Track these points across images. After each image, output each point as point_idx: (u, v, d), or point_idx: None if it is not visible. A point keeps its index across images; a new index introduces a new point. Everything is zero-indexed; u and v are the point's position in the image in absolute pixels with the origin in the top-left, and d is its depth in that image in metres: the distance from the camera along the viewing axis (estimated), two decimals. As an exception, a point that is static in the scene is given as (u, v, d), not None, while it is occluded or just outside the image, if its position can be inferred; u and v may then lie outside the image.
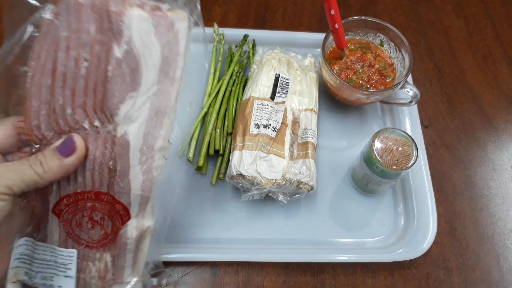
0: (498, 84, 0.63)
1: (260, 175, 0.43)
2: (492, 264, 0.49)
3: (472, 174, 0.55)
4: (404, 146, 0.44)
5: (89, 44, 0.31)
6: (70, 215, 0.33)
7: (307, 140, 0.47)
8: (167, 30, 0.33)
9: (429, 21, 0.68)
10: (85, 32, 0.30)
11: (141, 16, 0.31)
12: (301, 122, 0.48)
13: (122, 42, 0.31)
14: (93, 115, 0.31)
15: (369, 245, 0.48)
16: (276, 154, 0.45)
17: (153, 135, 0.33)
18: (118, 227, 0.34)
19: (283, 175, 0.44)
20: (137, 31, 0.31)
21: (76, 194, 0.32)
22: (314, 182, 0.44)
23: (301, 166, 0.45)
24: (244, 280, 0.45)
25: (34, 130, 0.31)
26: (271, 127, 0.46)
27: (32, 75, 0.30)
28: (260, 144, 0.45)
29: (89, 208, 0.33)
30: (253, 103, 0.48)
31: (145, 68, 0.32)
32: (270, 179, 0.43)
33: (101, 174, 0.32)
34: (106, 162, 0.32)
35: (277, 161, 0.45)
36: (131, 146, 0.32)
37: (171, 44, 0.33)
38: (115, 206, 0.33)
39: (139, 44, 0.31)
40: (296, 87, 0.51)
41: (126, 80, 0.31)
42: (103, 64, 0.31)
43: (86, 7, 0.30)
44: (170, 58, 0.33)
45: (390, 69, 0.54)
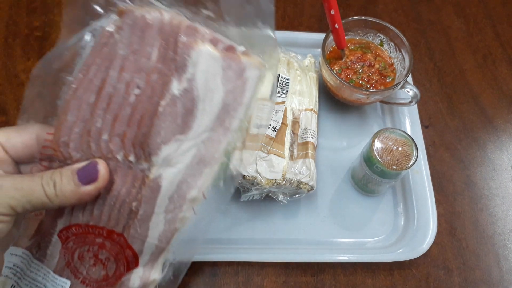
0: (498, 84, 0.63)
1: (260, 175, 0.43)
2: (492, 264, 0.49)
3: (472, 174, 0.55)
4: (404, 146, 0.44)
5: (146, 70, 0.27)
6: (75, 245, 0.30)
7: (307, 140, 0.47)
8: (236, 76, 0.28)
9: (429, 21, 0.68)
10: (145, 57, 0.27)
11: (211, 54, 0.27)
12: (301, 122, 0.48)
13: (184, 79, 0.27)
14: (130, 149, 0.28)
15: (369, 245, 0.48)
16: (276, 154, 0.45)
17: (188, 184, 0.28)
18: (121, 273, 0.30)
19: (283, 175, 0.44)
20: (203, 71, 0.27)
21: (87, 226, 0.29)
22: (314, 182, 0.44)
23: (301, 166, 0.45)
24: (244, 280, 0.45)
25: (61, 146, 0.27)
26: (271, 127, 0.46)
27: (76, 87, 0.27)
28: (260, 144, 0.45)
29: (97, 244, 0.30)
30: None
31: (201, 112, 0.28)
32: (270, 179, 0.43)
33: (121, 213, 0.28)
34: (129, 202, 0.28)
35: (277, 161, 0.45)
36: (161, 192, 0.28)
37: (236, 92, 0.29)
38: (124, 251, 0.29)
39: (201, 85, 0.27)
40: (296, 87, 0.51)
41: (177, 121, 0.27)
42: (156, 97, 0.27)
43: (154, 29, 0.27)
44: (231, 107, 0.29)
45: (390, 69, 0.54)
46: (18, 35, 0.59)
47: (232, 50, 0.28)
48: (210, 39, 0.27)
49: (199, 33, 0.27)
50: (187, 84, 0.27)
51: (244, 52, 0.28)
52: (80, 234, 0.29)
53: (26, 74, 0.56)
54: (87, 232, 0.29)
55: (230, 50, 0.28)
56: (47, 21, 0.60)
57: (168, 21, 0.27)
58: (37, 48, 0.58)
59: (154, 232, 0.29)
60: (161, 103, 0.27)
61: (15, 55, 0.57)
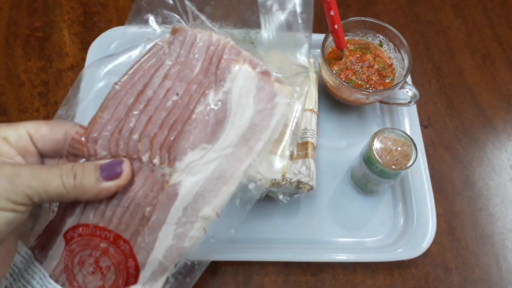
0: (497, 85, 0.63)
1: (261, 175, 0.43)
2: (491, 263, 0.49)
3: (471, 174, 0.55)
4: (404, 146, 0.44)
5: (187, 80, 0.29)
6: (78, 247, 0.29)
7: (307, 140, 0.47)
8: (268, 98, 0.30)
9: (428, 21, 0.69)
10: (189, 69, 0.30)
11: (249, 73, 0.30)
12: (301, 122, 0.49)
13: (220, 91, 0.29)
14: (157, 151, 0.28)
15: (368, 244, 0.48)
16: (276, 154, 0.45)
17: (204, 198, 0.28)
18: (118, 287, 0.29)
19: (283, 175, 0.44)
20: (239, 87, 0.29)
21: (95, 228, 0.29)
22: (313, 182, 0.45)
23: (301, 166, 0.45)
24: (244, 280, 0.45)
25: (89, 142, 0.28)
26: None
27: (118, 89, 0.29)
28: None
29: (100, 249, 0.29)
30: None
31: (230, 125, 0.29)
32: (271, 179, 0.43)
33: (133, 217, 0.28)
34: (144, 206, 0.28)
35: (277, 161, 0.45)
36: (177, 200, 0.28)
37: (265, 114, 0.30)
38: (127, 261, 0.29)
39: (235, 100, 0.29)
40: None
41: (206, 129, 0.28)
42: (192, 105, 0.28)
43: (202, 46, 0.30)
44: (258, 128, 0.30)
45: (389, 70, 0.54)
46: (19, 35, 0.59)
47: (267, 75, 0.30)
48: (250, 61, 0.30)
49: (241, 55, 0.30)
50: (222, 96, 0.29)
51: (277, 79, 0.30)
52: (86, 236, 0.29)
53: (27, 74, 0.56)
54: (94, 234, 0.29)
55: (265, 75, 0.30)
56: (48, 21, 0.61)
57: (216, 41, 0.30)
58: (38, 49, 0.58)
59: (161, 245, 0.28)
60: (195, 111, 0.28)
61: (16, 56, 0.57)
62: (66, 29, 0.60)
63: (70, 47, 0.59)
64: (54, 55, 0.58)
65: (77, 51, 0.58)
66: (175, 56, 0.30)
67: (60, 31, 0.60)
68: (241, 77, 0.29)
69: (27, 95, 0.55)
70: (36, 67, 0.57)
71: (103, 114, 0.28)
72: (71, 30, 0.60)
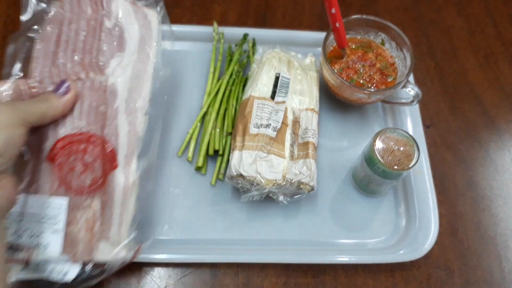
0: (500, 84, 0.62)
1: (260, 175, 0.43)
2: (493, 265, 0.48)
3: (474, 174, 0.54)
4: (406, 146, 0.43)
5: (87, 20, 0.42)
6: (64, 158, 0.38)
7: (308, 140, 0.46)
8: (143, 17, 0.45)
9: (430, 20, 0.68)
10: (84, 13, 0.42)
11: (124, 3, 0.44)
12: (302, 122, 0.48)
13: (112, 18, 0.43)
14: (88, 68, 0.40)
15: (370, 246, 0.48)
16: (277, 154, 0.45)
17: (135, 93, 0.42)
18: (106, 171, 0.38)
19: (283, 176, 0.43)
20: (122, 12, 0.44)
21: (71, 136, 0.38)
22: (314, 183, 0.44)
23: (301, 166, 0.44)
24: (244, 282, 0.45)
25: (37, 84, 0.39)
26: (271, 127, 0.46)
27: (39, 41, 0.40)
28: (260, 144, 0.44)
29: (81, 151, 0.38)
30: (253, 102, 0.47)
31: (128, 38, 0.43)
32: (270, 179, 0.43)
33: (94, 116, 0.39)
34: (98, 106, 0.39)
35: (277, 161, 0.44)
36: (119, 95, 0.40)
37: (146, 28, 0.45)
38: (104, 147, 0.39)
39: (123, 21, 0.44)
40: (296, 86, 0.50)
41: (114, 43, 0.42)
42: (97, 33, 0.42)
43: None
44: (146, 38, 0.44)
45: (392, 69, 0.54)
46: (17, 34, 0.58)
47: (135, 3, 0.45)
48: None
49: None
50: (114, 20, 0.43)
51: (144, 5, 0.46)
52: (66, 146, 0.38)
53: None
54: (71, 142, 0.38)
55: (134, 3, 0.45)
56: (46, 20, 0.60)
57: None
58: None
59: (122, 131, 0.40)
60: (102, 35, 0.42)
61: (13, 54, 0.57)
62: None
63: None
64: None
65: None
66: (70, 10, 0.42)
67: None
68: (121, 6, 0.44)
69: (25, 94, 0.54)
70: None
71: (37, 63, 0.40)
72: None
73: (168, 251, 0.43)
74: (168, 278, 0.44)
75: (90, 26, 0.42)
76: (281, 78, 0.50)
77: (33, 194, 0.37)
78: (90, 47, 0.41)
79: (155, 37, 0.45)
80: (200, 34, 0.58)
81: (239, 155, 0.44)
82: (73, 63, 0.40)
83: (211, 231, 0.46)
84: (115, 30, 0.43)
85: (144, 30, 0.44)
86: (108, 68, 0.41)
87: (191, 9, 0.62)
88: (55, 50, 0.40)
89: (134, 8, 0.45)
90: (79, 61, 0.40)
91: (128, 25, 0.43)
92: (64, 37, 0.41)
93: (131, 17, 0.44)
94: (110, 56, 0.41)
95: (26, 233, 0.36)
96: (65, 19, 0.42)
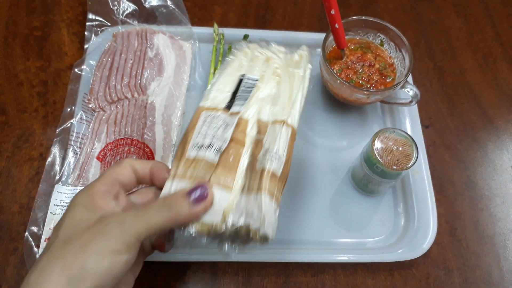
0: (499, 84, 0.63)
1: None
2: (492, 264, 0.49)
3: (472, 174, 0.55)
4: (405, 146, 0.44)
5: (133, 51, 0.54)
6: (111, 157, 0.47)
7: (264, 166, 0.32)
8: (179, 48, 0.56)
9: (429, 20, 0.68)
10: (131, 46, 0.54)
11: (164, 37, 0.56)
12: (265, 140, 0.34)
13: (153, 49, 0.54)
14: (133, 89, 0.51)
15: (369, 245, 0.48)
16: (221, 185, 0.32)
17: (170, 108, 0.51)
18: None
19: (223, 217, 0.30)
20: (162, 44, 0.55)
21: (117, 140, 0.47)
22: (266, 229, 0.30)
23: (252, 205, 0.31)
24: (244, 281, 0.45)
25: (94, 101, 0.50)
26: (213, 148, 0.33)
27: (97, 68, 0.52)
28: (196, 172, 0.32)
29: (126, 152, 0.47)
30: (200, 115, 0.35)
31: (166, 65, 0.54)
32: (206, 223, 0.30)
33: (137, 125, 0.48)
34: (140, 119, 0.49)
35: (220, 195, 0.31)
36: (157, 110, 0.50)
37: (181, 57, 0.55)
38: (144, 150, 0.47)
39: (163, 51, 0.54)
40: (270, 91, 0.37)
41: (154, 69, 0.53)
42: (141, 61, 0.53)
43: (133, 33, 0.55)
44: (181, 64, 0.55)
45: (390, 69, 0.54)
46: (18, 35, 0.59)
47: (173, 37, 0.57)
48: (162, 32, 0.56)
49: (155, 31, 0.55)
50: (155, 51, 0.54)
51: (180, 39, 0.57)
52: (113, 148, 0.47)
53: (26, 74, 0.56)
54: (118, 144, 0.47)
55: (172, 37, 0.56)
56: (47, 21, 0.60)
57: (139, 29, 0.56)
58: (36, 48, 0.58)
59: (159, 137, 0.48)
60: (145, 62, 0.53)
61: (15, 55, 0.57)
62: (65, 28, 0.60)
63: (69, 47, 0.58)
64: (53, 55, 0.58)
65: (76, 51, 0.58)
66: (121, 43, 0.54)
67: (59, 30, 0.60)
68: (161, 40, 0.55)
69: (26, 95, 0.54)
70: (35, 67, 0.56)
71: (94, 85, 0.51)
72: (70, 30, 0.60)
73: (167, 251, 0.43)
74: (168, 278, 0.45)
75: (136, 56, 0.53)
76: (244, 81, 0.38)
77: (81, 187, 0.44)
78: (135, 72, 0.52)
79: (188, 64, 0.55)
80: (201, 35, 0.58)
81: (168, 187, 0.32)
82: (121, 84, 0.51)
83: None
84: (156, 58, 0.53)
85: (180, 59, 0.55)
86: (149, 89, 0.51)
87: (191, 10, 0.63)
88: (109, 75, 0.51)
89: (172, 41, 0.55)
90: (126, 83, 0.51)
91: (167, 54, 0.54)
92: (116, 64, 0.52)
93: (169, 48, 0.54)
94: (151, 79, 0.51)
95: None
96: (117, 50, 0.53)
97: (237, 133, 0.34)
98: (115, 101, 0.50)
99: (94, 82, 0.51)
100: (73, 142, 0.48)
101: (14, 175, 0.49)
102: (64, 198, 0.44)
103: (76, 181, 0.45)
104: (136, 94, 0.50)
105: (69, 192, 0.44)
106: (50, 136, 0.51)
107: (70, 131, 0.49)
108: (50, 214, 0.43)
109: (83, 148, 0.47)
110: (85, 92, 0.51)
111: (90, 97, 0.50)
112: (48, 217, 0.43)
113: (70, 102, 0.51)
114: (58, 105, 0.54)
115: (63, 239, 0.27)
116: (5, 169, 0.49)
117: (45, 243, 0.41)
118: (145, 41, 0.54)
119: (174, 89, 0.52)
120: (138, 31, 0.55)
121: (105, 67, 0.52)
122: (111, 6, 0.57)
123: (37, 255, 0.42)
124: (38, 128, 0.52)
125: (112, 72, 0.51)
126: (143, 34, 0.54)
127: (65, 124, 0.49)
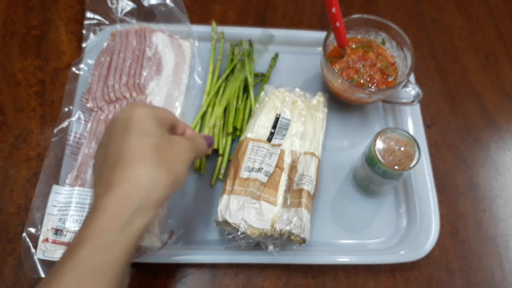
0: (501, 84, 0.62)
1: (246, 223, 0.40)
2: (494, 265, 0.48)
3: (474, 174, 0.54)
4: (406, 146, 0.43)
5: (132, 50, 0.53)
6: None
7: (302, 187, 0.43)
8: (178, 47, 0.55)
9: (431, 19, 0.68)
10: (130, 44, 0.53)
11: (162, 36, 0.55)
12: (299, 166, 0.45)
13: (152, 48, 0.53)
14: (132, 89, 0.50)
15: (370, 246, 0.47)
16: (268, 201, 0.42)
17: (170, 107, 0.50)
18: None
19: (272, 224, 0.41)
20: (161, 43, 0.54)
21: None
22: (305, 235, 0.40)
23: (293, 216, 0.41)
24: (244, 282, 0.45)
25: (92, 101, 0.50)
26: (263, 171, 0.44)
27: (94, 69, 0.52)
28: (250, 189, 0.42)
29: None
30: (248, 144, 0.46)
31: (165, 64, 0.53)
32: (257, 228, 0.40)
33: None
34: None
35: (267, 208, 0.42)
36: None
37: (180, 56, 0.54)
38: None
39: (161, 50, 0.54)
40: (299, 128, 0.48)
41: (153, 69, 0.52)
42: (140, 60, 0.52)
43: (132, 31, 0.54)
44: (180, 63, 0.54)
45: (392, 68, 0.53)
46: (16, 34, 0.58)
47: (172, 36, 0.56)
48: (161, 30, 0.55)
49: (154, 30, 0.55)
50: (154, 50, 0.53)
51: (179, 38, 0.56)
52: None
53: (23, 73, 0.55)
54: None
55: (171, 36, 0.56)
56: (45, 20, 0.60)
57: (138, 28, 0.55)
58: (34, 47, 0.57)
59: None
60: (143, 62, 0.52)
61: (13, 54, 0.56)
62: (63, 27, 0.59)
63: (67, 46, 0.58)
64: (51, 54, 0.57)
65: (74, 50, 0.58)
66: (120, 41, 0.53)
67: (57, 29, 0.59)
68: (160, 38, 0.54)
69: (24, 94, 0.54)
70: (32, 66, 0.56)
71: (93, 85, 0.51)
72: (68, 28, 0.59)
73: (167, 251, 0.43)
74: (168, 278, 0.44)
75: (135, 55, 0.52)
76: (281, 119, 0.48)
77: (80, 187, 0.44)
78: (134, 72, 0.51)
79: (187, 63, 0.54)
80: (200, 34, 0.58)
81: (226, 200, 0.42)
82: (120, 84, 0.50)
83: (211, 232, 0.46)
84: (155, 57, 0.52)
85: (179, 58, 0.54)
86: (148, 89, 0.50)
87: (191, 9, 0.62)
88: (107, 74, 0.51)
89: (171, 40, 0.54)
90: (125, 83, 0.50)
91: (165, 53, 0.53)
92: (114, 63, 0.51)
93: (168, 47, 0.54)
94: (150, 79, 0.51)
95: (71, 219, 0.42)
96: (115, 49, 0.52)
97: (279, 161, 0.45)
98: (114, 101, 0.50)
99: (92, 81, 0.50)
100: (71, 142, 0.47)
101: (11, 175, 0.48)
102: (61, 198, 0.43)
103: (74, 181, 0.45)
104: (135, 93, 0.50)
105: (67, 192, 0.44)
106: (48, 136, 0.50)
107: (68, 131, 0.48)
108: (47, 215, 0.42)
109: (81, 148, 0.47)
110: (83, 92, 0.51)
111: (88, 96, 0.50)
112: (45, 217, 0.42)
113: (68, 101, 0.50)
114: (56, 105, 0.53)
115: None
116: (3, 170, 0.49)
117: (43, 244, 0.41)
118: (144, 40, 0.53)
119: (173, 89, 0.51)
120: (137, 30, 0.54)
121: (104, 66, 0.51)
122: (109, 5, 0.56)
123: (34, 256, 0.41)
124: (35, 128, 0.52)
125: (110, 71, 0.51)
126: (142, 33, 0.54)
127: (63, 124, 0.49)
